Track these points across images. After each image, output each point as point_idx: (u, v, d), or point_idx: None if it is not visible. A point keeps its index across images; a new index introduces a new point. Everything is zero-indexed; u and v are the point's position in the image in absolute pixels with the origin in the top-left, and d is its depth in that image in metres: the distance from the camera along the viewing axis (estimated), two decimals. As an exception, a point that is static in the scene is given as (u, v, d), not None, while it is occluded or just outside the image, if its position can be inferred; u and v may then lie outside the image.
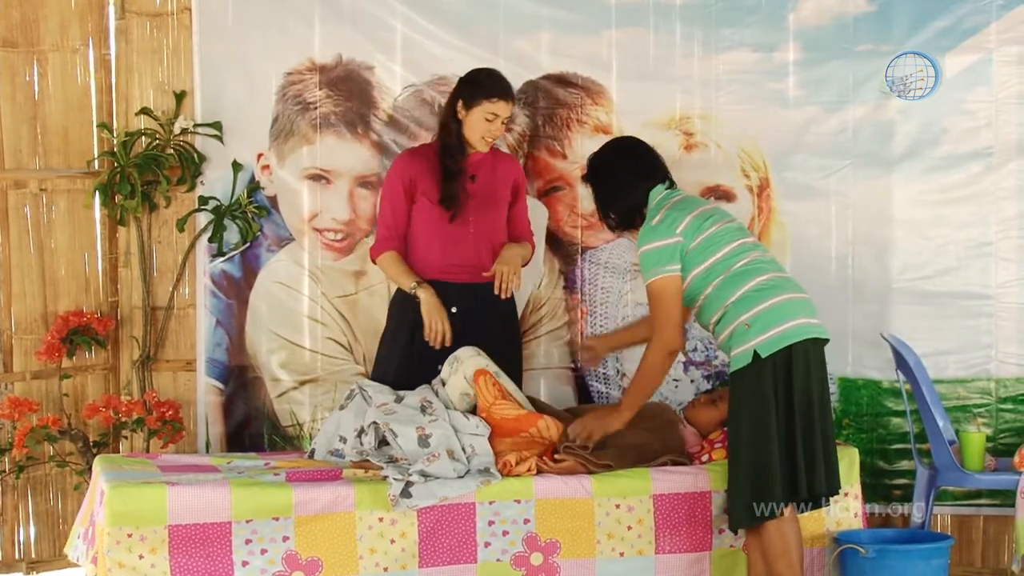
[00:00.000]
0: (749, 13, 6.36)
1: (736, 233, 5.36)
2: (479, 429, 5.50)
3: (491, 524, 5.34)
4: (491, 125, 5.81)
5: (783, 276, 5.34)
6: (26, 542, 6.52)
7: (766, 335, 5.15)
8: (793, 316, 5.17)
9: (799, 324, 5.17)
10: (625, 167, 5.53)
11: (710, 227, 5.31)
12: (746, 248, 5.33)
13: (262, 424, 6.51)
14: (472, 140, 5.84)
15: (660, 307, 5.32)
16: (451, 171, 5.84)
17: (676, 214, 5.33)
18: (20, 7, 6.46)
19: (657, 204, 5.43)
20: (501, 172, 5.99)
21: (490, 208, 5.93)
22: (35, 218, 6.53)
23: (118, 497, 5.10)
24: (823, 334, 5.24)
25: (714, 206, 5.60)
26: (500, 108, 5.79)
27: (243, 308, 6.52)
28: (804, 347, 5.16)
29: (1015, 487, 5.79)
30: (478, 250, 5.89)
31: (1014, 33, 6.30)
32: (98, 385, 6.60)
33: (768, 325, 5.15)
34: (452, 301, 5.83)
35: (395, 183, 5.92)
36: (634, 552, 5.43)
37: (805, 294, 5.29)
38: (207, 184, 6.50)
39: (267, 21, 6.45)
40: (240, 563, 5.14)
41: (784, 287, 5.26)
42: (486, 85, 5.82)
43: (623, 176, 5.51)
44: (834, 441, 5.30)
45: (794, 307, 5.20)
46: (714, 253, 5.29)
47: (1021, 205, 6.31)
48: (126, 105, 6.53)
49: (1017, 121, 6.30)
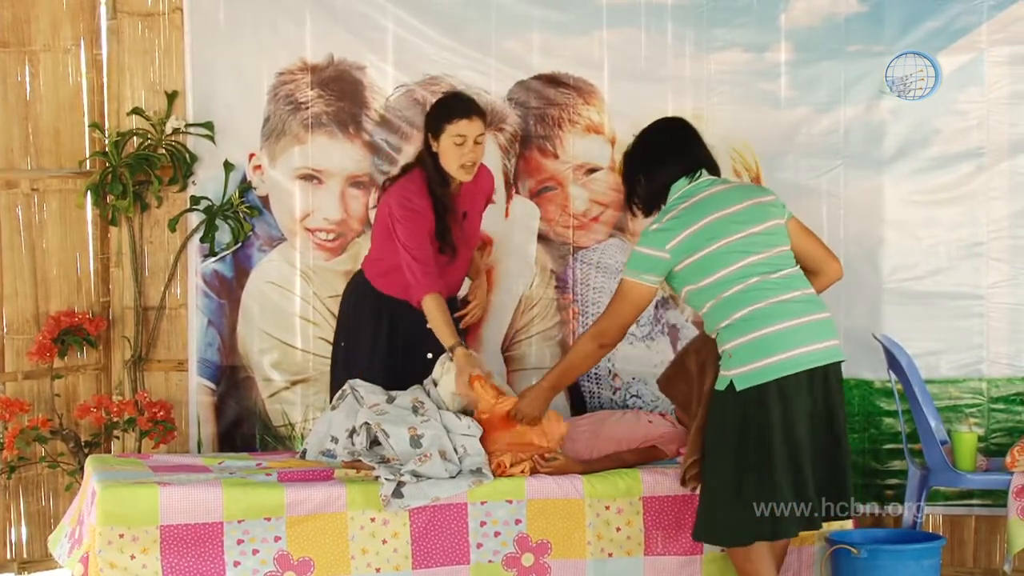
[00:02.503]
0: (740, 13, 6.37)
1: (740, 254, 5.04)
2: (471, 430, 5.50)
3: (483, 525, 5.34)
4: (462, 149, 5.63)
5: (785, 301, 5.02)
6: (17, 542, 6.52)
7: (744, 368, 4.99)
8: (780, 349, 4.96)
9: (784, 359, 4.95)
10: (651, 152, 5.30)
11: (710, 245, 5.04)
12: (748, 270, 5.03)
13: (254, 424, 6.52)
14: (451, 171, 5.68)
15: (616, 305, 5.20)
16: (442, 210, 5.71)
17: (675, 226, 5.08)
18: (11, 7, 6.46)
19: (671, 203, 5.19)
20: (480, 192, 5.94)
21: (473, 236, 5.93)
22: (27, 218, 6.53)
23: (110, 497, 5.09)
24: (820, 361, 5.01)
25: (732, 214, 5.10)
26: (463, 127, 5.63)
27: (235, 308, 6.52)
28: (783, 383, 4.95)
29: (1007, 487, 5.79)
30: (457, 278, 5.92)
31: (1005, 33, 6.30)
32: (89, 385, 6.59)
33: (747, 358, 4.99)
34: None
35: (421, 225, 5.68)
36: (623, 553, 5.43)
37: (810, 317, 5.02)
38: (199, 184, 6.50)
39: (259, 21, 6.46)
40: (232, 563, 5.14)
41: (780, 315, 4.99)
42: (444, 109, 5.71)
43: (647, 162, 5.29)
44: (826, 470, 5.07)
45: (784, 338, 4.97)
46: (712, 274, 5.05)
47: (1012, 205, 6.31)
48: (118, 105, 6.53)
49: (1009, 121, 6.30)
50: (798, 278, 5.10)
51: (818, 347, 5.02)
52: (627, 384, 6.45)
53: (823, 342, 5.03)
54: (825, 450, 5.06)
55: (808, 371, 4.99)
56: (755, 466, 5.01)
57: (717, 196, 5.16)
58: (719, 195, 5.17)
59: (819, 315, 5.06)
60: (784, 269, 5.08)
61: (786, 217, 5.18)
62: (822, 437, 5.05)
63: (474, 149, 5.66)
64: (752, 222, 5.10)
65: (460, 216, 5.82)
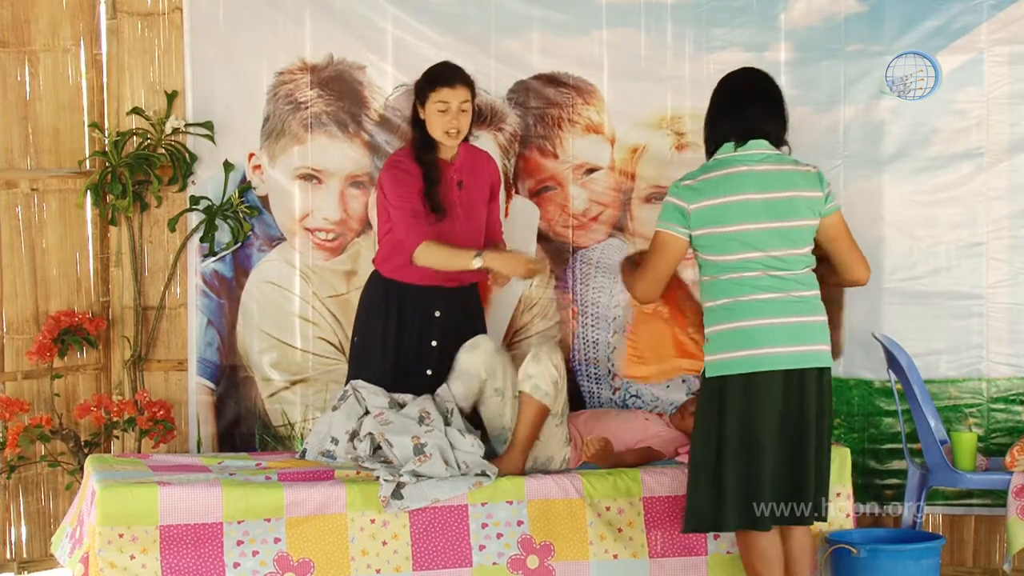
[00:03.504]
0: (740, 13, 6.36)
1: (750, 245, 4.97)
2: (474, 448, 5.50)
3: (484, 527, 5.33)
4: (446, 116, 5.74)
5: (774, 299, 4.98)
6: (17, 542, 6.52)
7: (715, 356, 5.01)
8: (751, 345, 4.95)
9: (752, 355, 4.94)
10: (716, 103, 5.21)
11: (726, 226, 4.99)
12: (752, 263, 4.98)
13: (253, 424, 6.51)
14: (437, 137, 5.79)
15: (649, 259, 5.15)
16: (432, 175, 5.79)
17: (706, 190, 5.01)
18: (11, 7, 6.46)
19: (710, 164, 5.10)
20: (481, 172, 5.97)
21: (474, 213, 5.92)
22: (26, 218, 6.53)
23: (110, 497, 5.10)
24: (794, 364, 4.96)
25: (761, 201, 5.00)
26: (446, 95, 5.73)
27: (234, 308, 6.52)
28: (750, 379, 4.95)
29: (1006, 487, 5.80)
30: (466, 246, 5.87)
31: (1005, 33, 6.29)
32: (89, 385, 6.59)
33: (719, 347, 5.00)
34: (436, 305, 5.84)
35: (411, 188, 5.76)
36: (628, 554, 5.42)
37: (796, 319, 4.99)
38: (198, 184, 6.50)
39: (258, 21, 6.45)
40: (232, 564, 5.14)
41: (762, 311, 4.96)
42: (427, 78, 5.82)
43: (712, 110, 5.20)
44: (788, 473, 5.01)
45: (758, 335, 4.95)
46: (718, 253, 5.01)
47: (1012, 205, 6.31)
48: (117, 105, 6.53)
49: (1008, 121, 6.30)
50: (803, 280, 5.05)
51: (796, 350, 4.99)
52: (626, 384, 6.45)
53: (803, 345, 5.00)
54: (792, 454, 5.00)
55: (784, 372, 4.96)
56: (706, 454, 5.03)
57: (758, 176, 5.05)
58: (761, 176, 5.05)
59: (807, 318, 5.02)
60: (792, 269, 5.03)
61: (821, 216, 5.09)
62: (790, 440, 5.00)
63: (457, 116, 5.76)
64: (777, 216, 5.02)
65: (455, 184, 5.85)
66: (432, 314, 5.85)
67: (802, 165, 5.13)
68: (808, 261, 5.09)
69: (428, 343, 5.86)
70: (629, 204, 6.44)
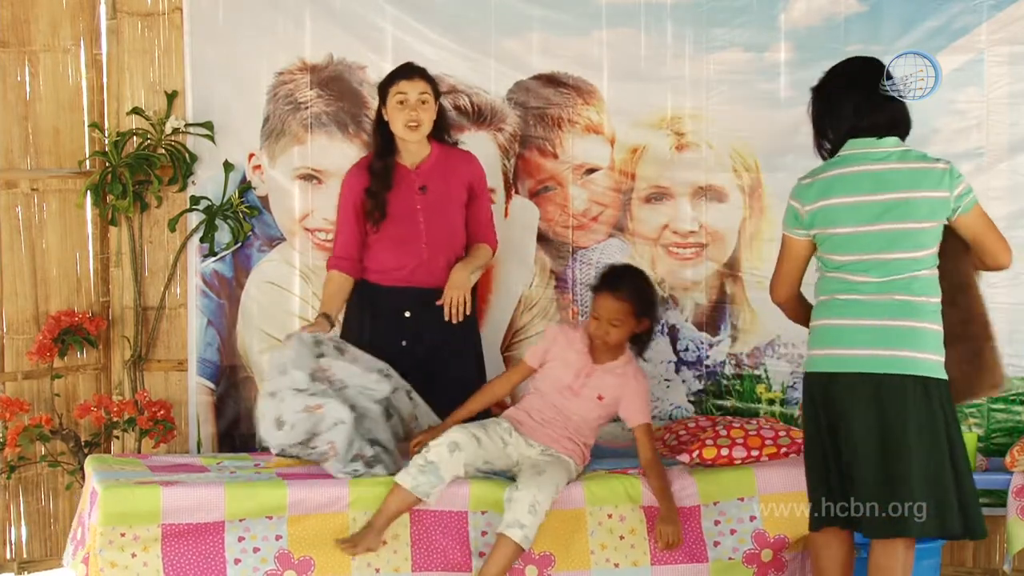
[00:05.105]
0: (740, 13, 6.37)
1: (862, 248, 4.84)
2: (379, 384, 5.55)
3: (484, 535, 5.31)
4: (405, 108, 5.78)
5: (871, 300, 4.83)
6: (17, 542, 6.52)
7: (810, 352, 4.99)
8: (833, 344, 4.87)
9: (832, 355, 4.87)
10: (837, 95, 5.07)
11: (840, 227, 4.88)
12: (860, 265, 4.85)
13: (253, 424, 6.49)
14: (398, 132, 5.82)
15: (777, 262, 5.15)
16: (385, 182, 5.83)
17: (824, 190, 4.93)
18: (11, 7, 6.47)
19: (833, 161, 4.99)
20: (454, 174, 5.94)
21: (442, 215, 5.89)
22: (26, 218, 6.53)
23: (112, 497, 5.09)
24: (872, 368, 4.80)
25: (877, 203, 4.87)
26: (404, 86, 5.78)
27: (234, 308, 6.52)
28: (823, 379, 4.89)
29: (1007, 487, 5.80)
30: (433, 260, 5.86)
31: (1005, 33, 6.29)
32: (89, 385, 6.60)
33: (812, 343, 4.97)
34: (407, 306, 5.84)
35: (347, 202, 5.92)
36: (629, 563, 5.37)
37: (890, 322, 4.81)
38: (198, 184, 6.50)
39: (258, 21, 6.46)
40: (232, 560, 5.14)
41: (854, 311, 4.85)
42: (387, 77, 5.87)
43: (832, 102, 5.08)
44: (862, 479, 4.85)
45: (843, 334, 4.85)
46: (830, 252, 4.92)
47: (1012, 205, 6.30)
48: (117, 105, 6.53)
49: (1008, 121, 6.30)
50: (913, 284, 4.86)
51: (877, 353, 4.82)
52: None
53: (886, 349, 4.81)
54: (886, 463, 4.80)
55: (864, 375, 4.82)
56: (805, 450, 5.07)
57: (874, 176, 4.90)
58: (877, 176, 4.90)
59: (899, 322, 4.83)
60: (899, 273, 4.85)
61: (949, 217, 4.90)
62: (882, 450, 4.81)
63: (417, 108, 5.79)
64: (891, 218, 4.86)
65: (416, 189, 5.86)
66: (402, 314, 5.84)
67: (930, 162, 4.92)
68: (920, 265, 4.87)
69: (399, 343, 5.85)
70: (629, 204, 6.44)
